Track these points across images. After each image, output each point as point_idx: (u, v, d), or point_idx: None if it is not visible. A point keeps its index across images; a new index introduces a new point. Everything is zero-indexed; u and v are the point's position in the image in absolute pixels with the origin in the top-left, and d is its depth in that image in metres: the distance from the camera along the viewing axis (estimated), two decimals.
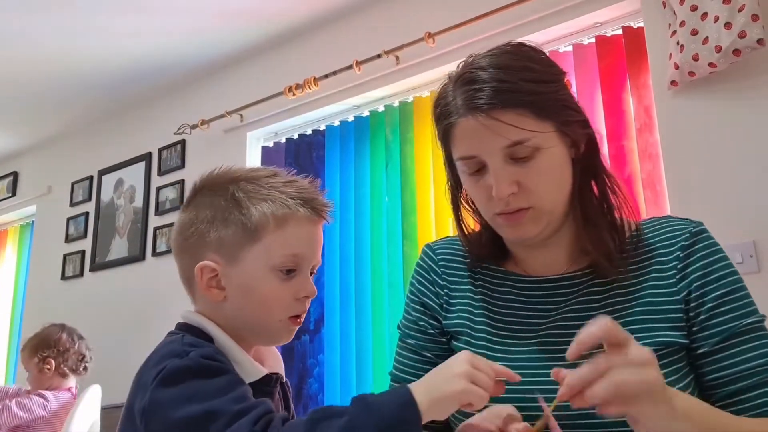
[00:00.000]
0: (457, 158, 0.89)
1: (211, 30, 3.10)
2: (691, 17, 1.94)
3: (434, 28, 2.54)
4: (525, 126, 0.82)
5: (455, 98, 0.87)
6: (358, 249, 2.75)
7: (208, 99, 3.44)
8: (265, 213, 0.85)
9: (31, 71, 3.40)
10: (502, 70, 0.84)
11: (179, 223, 0.91)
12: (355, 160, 2.89)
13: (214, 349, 0.81)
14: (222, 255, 0.86)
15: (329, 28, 3.04)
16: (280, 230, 0.85)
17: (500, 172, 0.84)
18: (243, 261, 0.85)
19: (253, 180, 0.88)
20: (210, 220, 0.87)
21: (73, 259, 3.88)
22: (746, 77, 1.93)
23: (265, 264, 0.85)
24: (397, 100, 2.83)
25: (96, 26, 3.02)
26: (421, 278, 1.01)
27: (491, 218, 0.90)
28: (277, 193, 0.87)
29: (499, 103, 0.82)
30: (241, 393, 0.73)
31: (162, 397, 0.73)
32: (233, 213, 0.85)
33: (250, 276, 0.85)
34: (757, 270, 1.84)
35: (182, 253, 0.90)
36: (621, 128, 2.24)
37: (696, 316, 0.84)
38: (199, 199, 0.90)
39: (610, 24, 2.33)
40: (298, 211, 0.86)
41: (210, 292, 0.86)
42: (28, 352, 2.62)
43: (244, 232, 0.85)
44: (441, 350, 0.95)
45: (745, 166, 1.91)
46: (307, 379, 2.78)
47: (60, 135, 4.21)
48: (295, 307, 0.86)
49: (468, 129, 0.85)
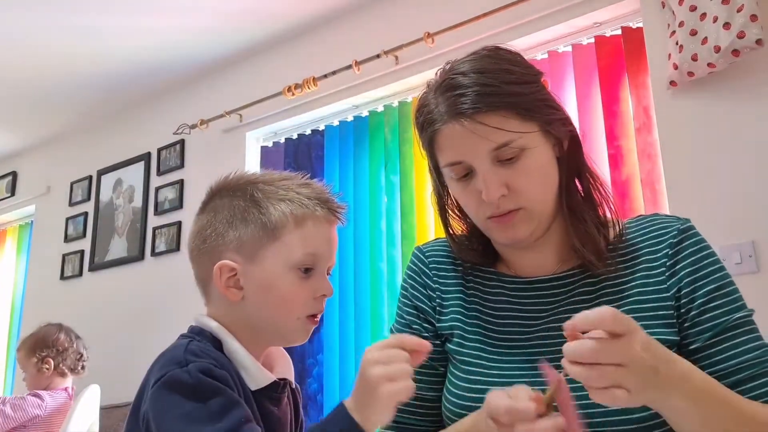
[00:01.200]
0: (444, 165, 0.89)
1: (210, 30, 3.10)
2: (690, 17, 1.95)
3: (433, 28, 2.54)
4: (510, 128, 0.83)
5: (438, 105, 0.87)
6: (356, 249, 2.75)
7: (207, 99, 3.44)
8: (284, 212, 0.86)
9: (31, 71, 3.40)
10: (483, 74, 0.85)
11: (197, 226, 0.92)
12: (354, 160, 2.89)
13: (216, 360, 0.80)
14: (241, 254, 0.87)
15: (328, 28, 3.04)
16: (299, 229, 0.86)
17: (488, 175, 0.84)
18: (263, 259, 0.86)
19: (270, 182, 0.90)
20: (229, 221, 0.88)
21: (72, 259, 3.88)
22: (745, 77, 1.94)
23: (285, 262, 0.86)
24: (396, 100, 2.83)
25: (95, 26, 3.02)
26: (413, 281, 1.01)
27: (482, 222, 0.90)
28: (294, 193, 0.88)
29: (483, 106, 0.83)
30: (232, 423, 0.72)
31: (158, 408, 0.74)
32: (252, 212, 0.87)
33: (269, 274, 0.86)
34: (756, 270, 1.84)
35: (200, 255, 0.90)
36: (620, 128, 2.24)
37: (687, 312, 0.84)
38: (216, 201, 0.91)
39: (610, 24, 2.33)
40: (316, 211, 0.88)
41: (229, 291, 0.87)
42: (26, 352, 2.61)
43: (263, 231, 0.86)
44: (436, 353, 0.94)
45: (744, 166, 1.91)
46: (306, 379, 2.78)
47: (59, 135, 4.21)
48: (313, 306, 0.88)
49: (454, 135, 0.85)
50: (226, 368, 0.80)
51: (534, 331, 0.89)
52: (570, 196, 0.91)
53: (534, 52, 2.44)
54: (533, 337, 0.89)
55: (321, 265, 0.89)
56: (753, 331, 0.83)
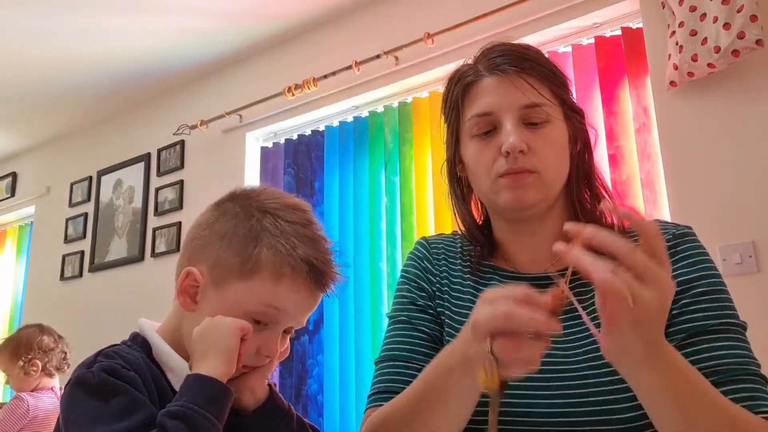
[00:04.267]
0: (471, 116, 0.90)
1: (210, 30, 3.10)
2: (690, 18, 1.95)
3: (433, 28, 2.54)
4: (544, 93, 0.88)
5: (476, 66, 0.92)
6: (356, 249, 2.75)
7: (207, 99, 3.44)
8: (268, 260, 0.82)
9: (31, 72, 3.40)
10: (524, 49, 0.92)
11: (200, 218, 0.89)
12: (353, 161, 2.89)
13: (128, 361, 0.78)
14: (212, 273, 0.84)
15: (328, 29, 3.05)
16: (272, 282, 0.82)
17: (515, 129, 0.87)
18: (225, 290, 0.82)
19: (281, 219, 0.85)
20: (222, 235, 0.85)
21: (72, 260, 3.88)
22: (745, 78, 1.94)
23: (241, 305, 0.81)
24: (396, 100, 2.83)
25: (95, 27, 3.02)
26: (417, 263, 1.00)
27: (493, 182, 0.88)
28: (292, 244, 0.83)
29: (523, 69, 0.88)
30: (132, 424, 0.71)
31: (64, 407, 0.74)
32: (241, 243, 0.83)
33: (223, 308, 0.81)
34: (756, 270, 1.84)
35: (185, 248, 0.88)
36: (620, 128, 2.24)
37: (669, 311, 0.81)
38: (229, 206, 0.87)
39: (609, 25, 2.33)
40: (299, 275, 0.82)
41: (183, 297, 0.85)
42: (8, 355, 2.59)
43: (240, 266, 0.82)
44: (438, 331, 0.92)
45: (744, 166, 1.91)
46: (307, 379, 2.78)
47: (59, 135, 4.21)
48: (252, 359, 0.83)
49: (490, 85, 0.89)
50: (140, 370, 0.77)
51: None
52: (579, 194, 0.93)
53: None
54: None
55: (280, 325, 0.83)
56: (732, 339, 0.79)
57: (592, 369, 0.80)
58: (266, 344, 0.83)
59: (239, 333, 0.78)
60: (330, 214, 2.90)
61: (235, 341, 0.77)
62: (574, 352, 0.83)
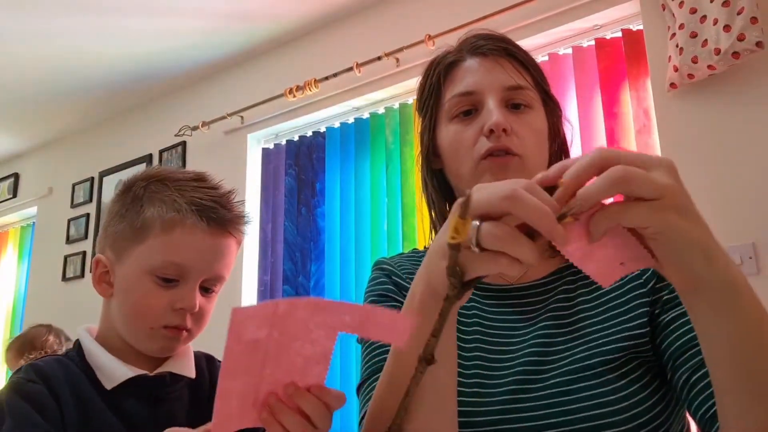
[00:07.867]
0: (452, 95, 0.87)
1: (211, 32, 3.11)
2: (690, 20, 1.95)
3: (434, 30, 2.55)
4: (526, 77, 0.87)
5: (459, 47, 0.91)
6: (358, 250, 2.76)
7: (208, 101, 3.45)
8: (155, 215, 0.81)
9: (32, 73, 3.41)
10: (504, 37, 0.91)
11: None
12: (355, 162, 2.90)
13: (41, 371, 0.78)
14: (114, 251, 0.85)
15: (330, 30, 3.05)
16: (165, 235, 0.81)
17: (498, 108, 0.83)
18: (127, 260, 0.83)
19: (166, 180, 0.85)
20: (114, 214, 0.86)
21: (73, 261, 3.88)
22: (745, 80, 1.94)
23: (143, 267, 0.81)
24: (397, 102, 2.83)
25: (96, 28, 3.03)
26: (384, 280, 0.93)
27: (475, 164, 0.83)
28: (176, 195, 0.82)
29: (505, 54, 0.87)
30: None
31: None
32: (130, 210, 0.83)
33: (129, 277, 0.82)
34: (756, 272, 1.84)
35: (98, 243, 0.90)
36: (620, 130, 2.25)
37: (660, 291, 0.78)
38: (120, 189, 0.88)
39: (610, 26, 2.33)
40: (188, 218, 0.81)
41: (100, 286, 0.86)
42: (14, 354, 2.60)
43: (132, 231, 0.82)
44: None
45: (744, 168, 1.92)
46: None
47: (61, 136, 4.22)
48: (171, 318, 0.81)
49: (472, 67, 0.88)
50: (51, 380, 0.77)
51: (522, 341, 0.82)
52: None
53: (534, 54, 2.39)
54: (523, 348, 0.81)
55: (189, 277, 0.82)
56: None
57: (581, 381, 0.75)
58: (179, 298, 0.81)
59: None
60: (331, 215, 2.91)
61: None
62: (559, 360, 0.78)
